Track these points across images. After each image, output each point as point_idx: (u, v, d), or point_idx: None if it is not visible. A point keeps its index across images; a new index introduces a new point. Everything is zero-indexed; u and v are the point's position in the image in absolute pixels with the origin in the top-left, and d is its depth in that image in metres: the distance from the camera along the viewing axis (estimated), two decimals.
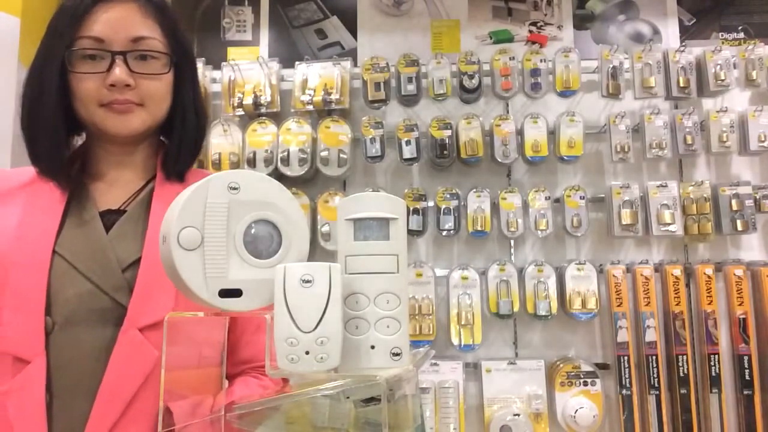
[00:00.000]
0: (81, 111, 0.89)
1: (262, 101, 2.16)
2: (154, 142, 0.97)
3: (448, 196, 2.07)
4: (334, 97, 2.13)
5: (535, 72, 2.11)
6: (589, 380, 2.01)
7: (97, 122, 0.89)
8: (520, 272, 2.06)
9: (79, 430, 0.79)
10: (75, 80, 0.87)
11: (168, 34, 0.92)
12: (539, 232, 2.06)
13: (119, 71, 0.86)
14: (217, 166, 2.12)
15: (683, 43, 2.23)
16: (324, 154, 2.10)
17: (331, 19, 2.41)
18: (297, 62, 2.21)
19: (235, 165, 2.11)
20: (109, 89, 0.87)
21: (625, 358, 2.00)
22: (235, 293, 0.65)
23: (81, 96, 0.88)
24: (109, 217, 0.90)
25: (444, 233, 2.07)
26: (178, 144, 0.95)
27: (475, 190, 2.08)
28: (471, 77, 2.13)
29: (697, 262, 2.08)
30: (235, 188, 0.66)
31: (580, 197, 2.07)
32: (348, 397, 0.65)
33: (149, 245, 0.86)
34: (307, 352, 0.60)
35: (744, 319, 2.00)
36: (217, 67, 2.25)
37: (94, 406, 0.79)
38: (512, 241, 2.18)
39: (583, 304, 2.01)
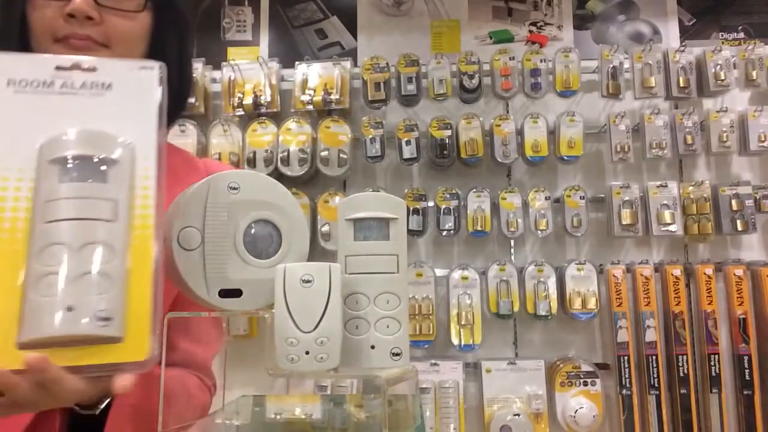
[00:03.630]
0: (35, 48, 0.77)
1: (262, 101, 2.16)
2: None
3: (448, 196, 2.07)
4: (334, 97, 2.13)
5: (535, 72, 2.11)
6: (589, 380, 2.01)
7: None
8: (520, 272, 2.06)
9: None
10: (30, 9, 0.76)
11: None
12: (539, 232, 2.06)
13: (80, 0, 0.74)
14: None
15: (683, 43, 2.23)
16: (324, 154, 2.10)
17: (331, 19, 2.41)
18: (297, 62, 2.21)
19: (235, 165, 2.10)
20: (66, 20, 0.75)
21: (625, 358, 2.00)
22: (235, 293, 0.65)
23: (35, 27, 0.76)
24: None
25: (444, 233, 2.07)
26: None
27: (475, 190, 2.08)
28: (471, 77, 2.13)
29: (697, 262, 2.08)
30: (235, 188, 0.66)
31: (580, 197, 2.07)
32: (339, 403, 0.65)
33: None
34: (307, 352, 0.60)
35: (744, 319, 2.00)
36: (217, 67, 2.25)
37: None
38: (512, 241, 2.18)
39: (583, 304, 2.01)
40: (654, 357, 1.99)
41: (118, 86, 0.58)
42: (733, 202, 2.03)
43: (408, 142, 2.08)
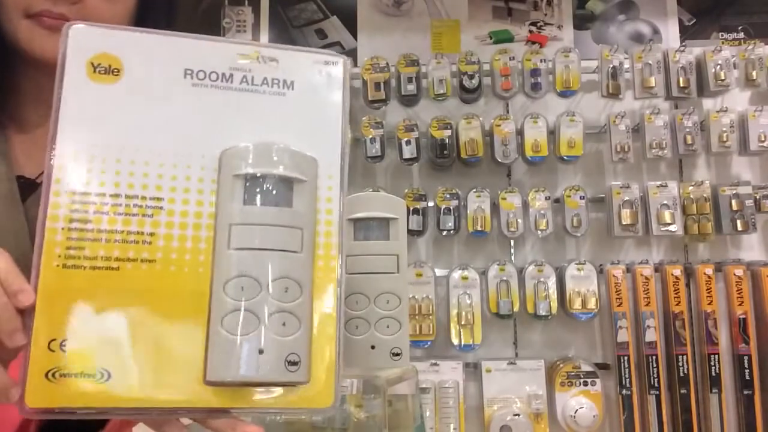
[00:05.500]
0: (4, 23, 0.70)
1: None
2: None
3: (448, 196, 2.07)
4: None
5: (535, 72, 2.10)
6: (589, 380, 2.01)
7: (21, 39, 0.69)
8: (520, 272, 2.05)
9: None
10: None
11: None
12: (539, 232, 2.05)
13: None
14: None
15: (683, 43, 2.23)
16: None
17: (331, 19, 2.41)
18: None
19: None
20: None
21: (625, 358, 1.99)
22: None
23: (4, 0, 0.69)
24: (24, 188, 0.73)
25: (444, 233, 2.07)
26: None
27: (475, 190, 2.08)
28: (471, 77, 2.12)
29: (697, 262, 2.08)
30: None
31: (580, 197, 2.07)
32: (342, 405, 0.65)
33: None
34: None
35: (744, 319, 2.00)
36: None
37: None
38: (512, 241, 2.18)
39: (583, 304, 2.01)
40: (654, 357, 1.99)
41: (300, 84, 0.52)
42: (733, 202, 2.03)
43: (408, 142, 2.08)
